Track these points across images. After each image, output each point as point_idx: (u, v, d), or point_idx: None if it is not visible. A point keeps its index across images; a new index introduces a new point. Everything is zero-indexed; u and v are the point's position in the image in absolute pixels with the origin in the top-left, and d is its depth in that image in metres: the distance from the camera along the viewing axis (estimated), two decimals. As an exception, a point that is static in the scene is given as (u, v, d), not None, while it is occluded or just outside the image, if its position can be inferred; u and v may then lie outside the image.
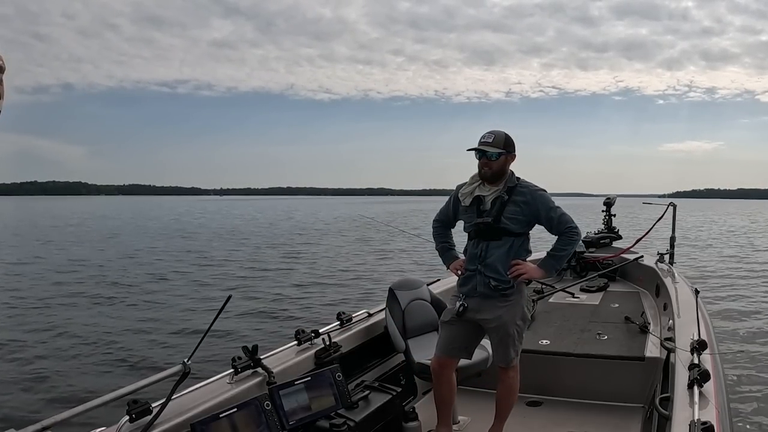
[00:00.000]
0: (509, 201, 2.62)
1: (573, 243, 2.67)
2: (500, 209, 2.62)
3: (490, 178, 2.64)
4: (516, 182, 2.67)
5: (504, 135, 2.65)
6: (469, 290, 2.69)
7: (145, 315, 9.73)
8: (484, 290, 2.64)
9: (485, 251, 2.64)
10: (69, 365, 6.78)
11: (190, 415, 1.95)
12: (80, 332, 8.52)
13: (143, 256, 19.38)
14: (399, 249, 20.91)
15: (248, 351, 2.39)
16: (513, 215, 2.62)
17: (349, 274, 14.84)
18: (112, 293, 12.11)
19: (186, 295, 11.71)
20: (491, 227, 2.63)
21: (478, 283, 2.65)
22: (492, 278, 2.62)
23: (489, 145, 2.60)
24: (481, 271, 2.64)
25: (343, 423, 2.23)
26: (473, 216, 2.69)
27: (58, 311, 10.22)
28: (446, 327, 2.79)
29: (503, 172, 2.66)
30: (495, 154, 2.59)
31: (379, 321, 3.39)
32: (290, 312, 9.77)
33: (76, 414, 1.71)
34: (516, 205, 2.62)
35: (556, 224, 2.64)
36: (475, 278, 2.66)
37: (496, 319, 2.65)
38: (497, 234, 2.63)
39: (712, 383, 2.06)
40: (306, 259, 18.56)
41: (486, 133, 2.65)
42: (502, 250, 2.63)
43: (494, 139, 2.62)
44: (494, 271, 2.62)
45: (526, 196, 2.63)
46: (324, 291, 12.03)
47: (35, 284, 13.51)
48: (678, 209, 5.90)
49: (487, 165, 2.62)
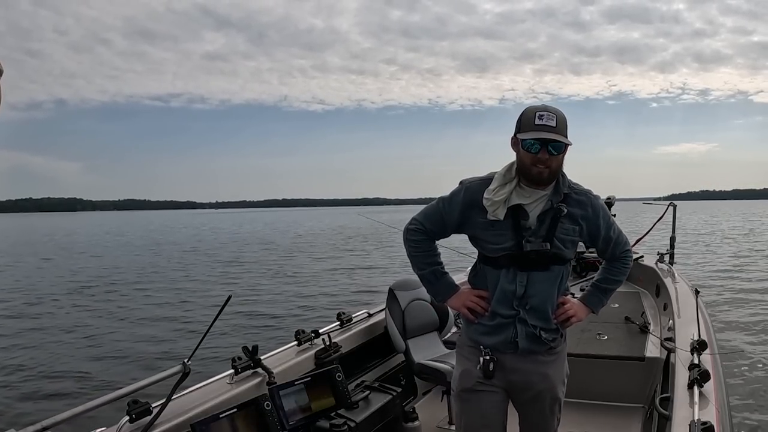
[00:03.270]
0: (566, 214, 1.81)
1: (627, 271, 2.00)
2: (552, 226, 1.80)
3: (545, 181, 1.78)
4: (569, 185, 1.85)
5: (563, 115, 1.77)
6: (502, 344, 1.85)
7: (145, 315, 9.74)
8: (528, 345, 1.84)
9: (526, 287, 1.82)
10: (69, 365, 6.79)
11: (190, 415, 1.95)
12: (80, 333, 8.53)
13: (144, 262, 19.39)
14: (398, 249, 20.91)
15: (248, 351, 2.39)
16: (568, 235, 1.82)
17: (349, 274, 14.84)
18: (111, 295, 12.12)
19: (186, 296, 11.71)
20: (542, 254, 1.80)
21: (519, 335, 1.83)
22: (539, 327, 1.84)
23: (552, 131, 1.70)
24: (523, 317, 1.83)
25: (343, 423, 2.23)
26: (507, 235, 1.80)
27: (58, 313, 10.24)
28: (472, 399, 1.90)
29: (560, 170, 1.81)
30: (561, 146, 1.73)
31: (379, 321, 3.39)
32: (290, 312, 9.78)
33: (76, 414, 1.71)
34: (573, 221, 1.83)
35: (614, 246, 1.94)
36: (512, 328, 1.84)
37: (542, 381, 1.88)
38: (545, 262, 1.81)
39: (712, 383, 2.05)
40: (306, 259, 18.56)
41: (542, 111, 1.73)
42: (550, 285, 1.84)
43: (558, 121, 1.72)
44: (542, 317, 1.84)
45: (586, 207, 1.85)
46: (324, 291, 12.04)
47: (35, 286, 13.52)
48: (677, 210, 5.90)
49: (546, 163, 1.73)
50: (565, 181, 1.85)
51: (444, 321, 3.41)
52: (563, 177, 1.85)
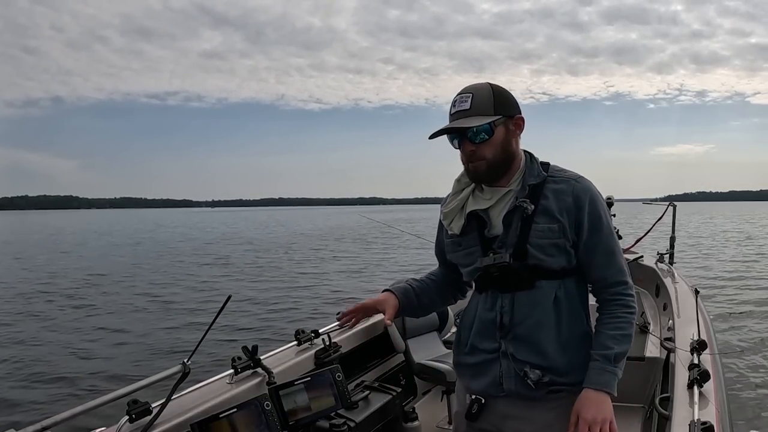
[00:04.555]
0: (537, 209, 1.41)
1: (632, 316, 1.48)
2: (523, 228, 1.41)
3: (487, 176, 1.44)
4: (543, 172, 1.46)
5: (489, 88, 1.42)
6: (489, 386, 1.49)
7: (145, 315, 9.74)
8: (516, 386, 1.45)
9: (511, 313, 1.44)
10: (69, 365, 6.79)
11: (190, 415, 1.95)
12: (80, 333, 8.53)
13: (144, 261, 19.39)
14: (398, 250, 20.91)
15: (248, 351, 2.39)
16: (546, 238, 1.41)
17: (349, 274, 14.85)
18: (111, 295, 12.11)
19: (186, 296, 11.71)
20: (510, 269, 1.42)
21: (505, 376, 1.46)
22: (532, 365, 1.43)
23: (465, 116, 1.39)
24: (509, 351, 1.45)
25: (343, 423, 2.23)
26: (474, 251, 1.49)
27: (58, 312, 10.23)
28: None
29: (509, 155, 1.43)
30: (480, 129, 1.38)
31: (379, 321, 3.39)
32: (290, 312, 9.78)
33: (76, 414, 1.71)
34: (549, 218, 1.41)
35: (606, 266, 1.45)
36: (497, 366, 1.47)
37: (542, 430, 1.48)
38: (526, 279, 1.42)
39: (712, 383, 2.06)
40: (306, 260, 18.57)
41: (457, 96, 1.43)
42: (542, 308, 1.43)
43: (473, 100, 1.39)
44: (534, 350, 1.43)
45: (566, 196, 1.42)
46: (324, 291, 12.04)
47: (35, 286, 13.52)
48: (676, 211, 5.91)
49: (472, 153, 1.41)
50: (534, 167, 1.47)
51: (444, 321, 3.42)
52: (532, 163, 1.48)
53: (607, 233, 1.45)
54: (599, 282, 1.48)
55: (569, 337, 1.45)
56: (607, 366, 1.42)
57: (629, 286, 1.47)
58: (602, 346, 1.43)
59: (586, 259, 1.45)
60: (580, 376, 1.44)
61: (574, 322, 1.46)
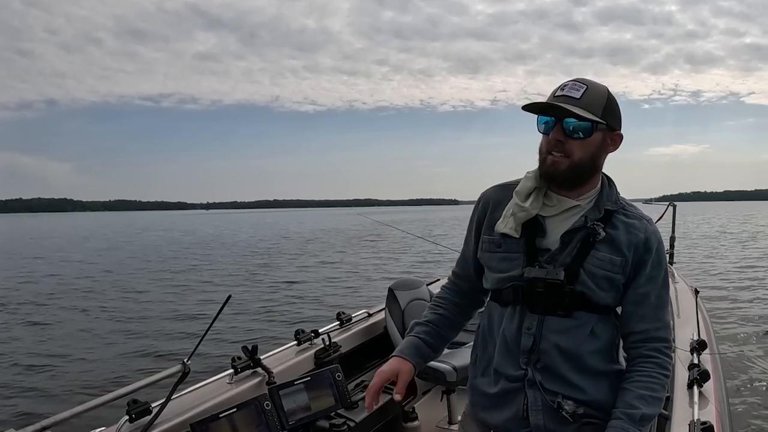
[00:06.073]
0: (604, 238, 1.26)
1: (666, 379, 1.30)
2: (581, 252, 1.27)
3: (563, 178, 1.27)
4: (619, 201, 1.33)
5: (605, 90, 1.27)
6: (512, 422, 1.32)
7: (145, 315, 9.74)
8: (544, 421, 1.29)
9: (538, 337, 1.29)
10: (69, 365, 6.79)
11: (190, 415, 1.95)
12: (80, 333, 8.53)
13: (145, 261, 19.41)
14: (398, 250, 20.93)
15: (248, 351, 2.39)
16: (604, 269, 1.27)
17: (349, 274, 14.86)
18: (111, 295, 12.12)
19: (186, 296, 11.72)
20: (558, 289, 1.26)
21: (531, 408, 1.30)
22: (561, 395, 1.28)
23: (572, 102, 1.22)
24: (537, 380, 1.28)
25: (343, 423, 2.23)
26: (516, 258, 1.32)
27: (58, 312, 10.24)
28: None
29: (594, 167, 1.29)
30: (581, 123, 1.22)
31: (378, 321, 3.39)
32: (290, 312, 9.78)
33: (75, 414, 1.71)
34: (614, 250, 1.27)
35: (650, 318, 1.29)
36: (521, 396, 1.31)
37: None
38: (566, 305, 1.27)
39: (711, 383, 2.06)
40: (306, 260, 18.58)
41: (570, 81, 1.27)
42: (576, 339, 1.28)
43: (586, 93, 1.23)
44: (565, 382, 1.28)
45: (638, 233, 1.29)
46: (324, 291, 12.04)
47: (35, 287, 13.52)
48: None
49: (559, 145, 1.24)
50: (613, 193, 1.32)
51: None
52: (611, 188, 1.33)
53: (663, 285, 1.32)
54: (638, 334, 1.30)
55: (603, 371, 1.32)
56: (630, 428, 1.23)
57: (670, 347, 1.32)
58: (628, 405, 1.25)
59: (632, 306, 1.30)
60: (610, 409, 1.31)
61: (609, 359, 1.33)
